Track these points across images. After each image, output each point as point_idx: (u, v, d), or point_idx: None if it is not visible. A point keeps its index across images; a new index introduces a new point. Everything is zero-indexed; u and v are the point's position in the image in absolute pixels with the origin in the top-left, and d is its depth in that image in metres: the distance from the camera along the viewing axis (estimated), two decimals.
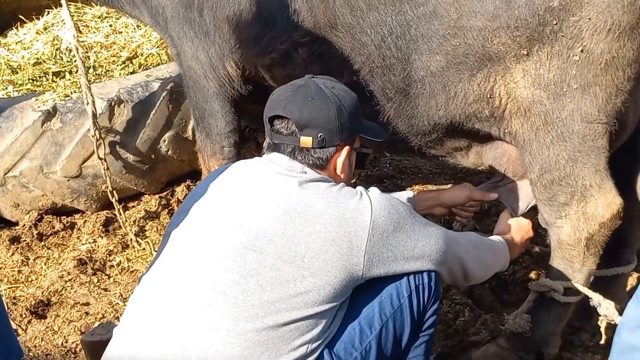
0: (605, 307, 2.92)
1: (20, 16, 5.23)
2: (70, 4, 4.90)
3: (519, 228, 3.03)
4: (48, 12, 5.26)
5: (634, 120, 2.90)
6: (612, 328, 3.05)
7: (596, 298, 2.95)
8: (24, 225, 4.31)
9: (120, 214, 4.18)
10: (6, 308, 3.18)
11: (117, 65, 4.82)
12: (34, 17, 5.26)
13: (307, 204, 2.27)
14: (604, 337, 3.04)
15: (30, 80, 4.63)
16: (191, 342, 2.14)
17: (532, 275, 3.67)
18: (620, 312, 2.91)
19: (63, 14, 3.53)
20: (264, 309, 2.16)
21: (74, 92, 4.35)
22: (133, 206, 4.51)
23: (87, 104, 3.79)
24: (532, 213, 3.11)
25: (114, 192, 4.09)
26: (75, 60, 4.40)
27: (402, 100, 2.94)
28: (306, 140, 2.40)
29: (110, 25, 5.23)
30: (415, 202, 3.11)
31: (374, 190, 2.40)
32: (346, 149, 2.48)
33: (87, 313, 3.65)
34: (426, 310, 2.47)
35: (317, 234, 2.22)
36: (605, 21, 2.50)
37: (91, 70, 4.74)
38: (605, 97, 2.63)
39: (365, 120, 2.64)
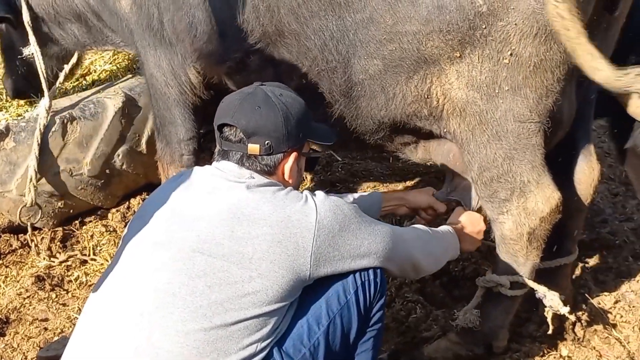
0: (550, 299, 3.03)
1: None
2: None
3: (471, 220, 3.11)
4: None
5: (569, 118, 3.01)
6: (557, 318, 3.18)
7: (541, 290, 3.04)
8: None
9: (36, 247, 4.27)
10: None
11: (71, 83, 4.83)
12: None
13: (255, 207, 2.34)
14: (550, 327, 3.13)
15: None
16: (142, 343, 2.19)
17: (482, 270, 3.76)
18: (565, 303, 3.04)
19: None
20: (212, 309, 2.22)
21: (27, 111, 4.38)
22: (90, 221, 4.50)
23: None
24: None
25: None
26: None
27: (346, 102, 3.04)
28: (253, 148, 2.48)
29: None
30: (381, 200, 3.22)
31: (320, 194, 2.48)
32: (293, 155, 2.56)
33: (46, 329, 3.65)
34: (372, 306, 2.54)
35: (264, 236, 2.29)
36: (531, 26, 2.58)
37: None
38: (535, 98, 2.72)
39: (316, 123, 2.72)
